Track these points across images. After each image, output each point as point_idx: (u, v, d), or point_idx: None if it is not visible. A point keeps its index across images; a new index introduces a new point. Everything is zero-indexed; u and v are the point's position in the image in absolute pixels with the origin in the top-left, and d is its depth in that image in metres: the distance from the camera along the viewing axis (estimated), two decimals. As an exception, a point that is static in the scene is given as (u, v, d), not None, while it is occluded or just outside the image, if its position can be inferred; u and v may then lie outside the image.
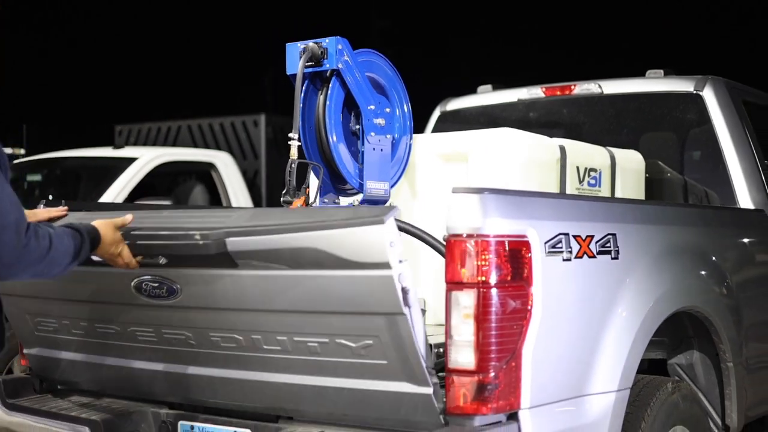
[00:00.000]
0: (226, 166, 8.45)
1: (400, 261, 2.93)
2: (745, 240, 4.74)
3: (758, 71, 14.41)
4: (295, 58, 3.92)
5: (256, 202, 9.18)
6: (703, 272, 4.21)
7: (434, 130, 6.04)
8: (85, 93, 23.29)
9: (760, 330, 4.68)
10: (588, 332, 3.38)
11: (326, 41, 3.89)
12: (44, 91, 23.32)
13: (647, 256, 3.77)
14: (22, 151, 12.27)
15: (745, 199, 4.99)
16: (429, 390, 3.03)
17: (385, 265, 2.92)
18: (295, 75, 3.90)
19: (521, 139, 4.26)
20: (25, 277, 2.93)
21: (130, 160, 7.74)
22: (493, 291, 3.04)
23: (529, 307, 3.12)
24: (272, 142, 9.87)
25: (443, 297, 3.12)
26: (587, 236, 3.40)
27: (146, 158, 7.83)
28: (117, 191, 7.39)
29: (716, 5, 22.00)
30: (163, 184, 8.86)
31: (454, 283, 3.05)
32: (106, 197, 7.28)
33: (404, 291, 2.94)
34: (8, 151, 11.57)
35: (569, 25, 23.54)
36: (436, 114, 6.15)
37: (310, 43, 3.89)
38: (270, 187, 9.66)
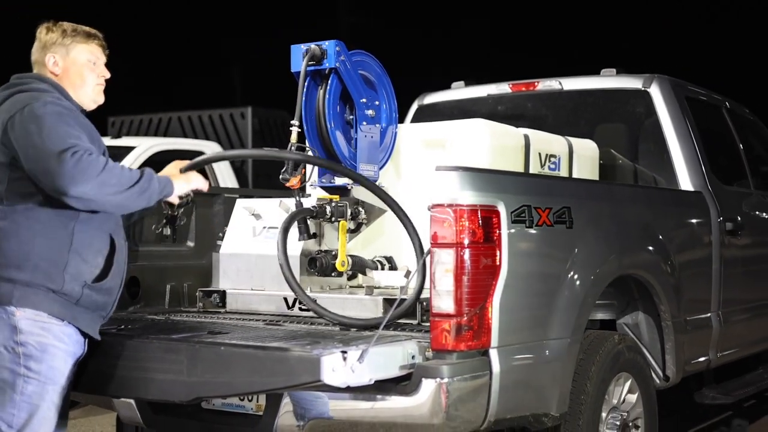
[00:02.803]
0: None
1: None
2: (684, 216, 5.44)
3: (702, 70, 15.31)
4: (299, 58, 4.52)
5: (243, 187, 9.78)
6: (646, 243, 4.89)
7: (412, 121, 6.67)
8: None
9: (696, 294, 5.38)
10: (546, 286, 4.06)
11: (326, 44, 4.50)
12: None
13: (597, 227, 4.45)
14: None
15: (685, 182, 5.64)
16: None
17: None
18: (298, 72, 4.50)
19: (491, 128, 4.91)
20: (90, 193, 3.45)
21: (128, 149, 8.34)
22: (468, 250, 3.71)
23: (498, 264, 3.79)
24: (258, 133, 10.49)
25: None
26: (546, 208, 4.07)
27: (143, 147, 8.44)
28: (117, 178, 7.97)
29: (664, 12, 22.99)
30: (156, 171, 9.42)
31: (436, 244, 3.72)
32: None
33: None
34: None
35: (535, 25, 24.21)
36: (414, 107, 6.76)
37: (312, 45, 4.51)
38: (255, 175, 10.29)
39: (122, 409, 4.30)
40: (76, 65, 3.81)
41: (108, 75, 3.92)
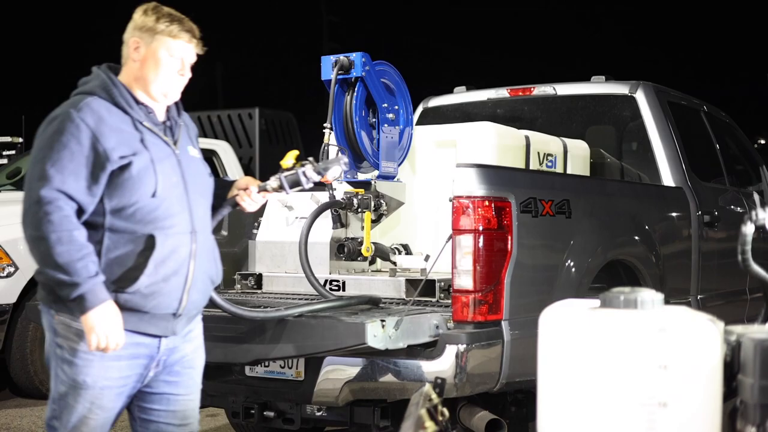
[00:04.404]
0: (225, 153, 9.66)
1: None
2: (666, 209, 6.04)
3: (683, 77, 16.09)
4: (328, 68, 5.12)
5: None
6: (633, 232, 5.49)
7: (418, 123, 7.20)
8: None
9: (677, 279, 5.98)
10: (548, 268, 4.67)
11: (353, 55, 5.10)
12: (44, 80, 23.80)
13: (592, 217, 5.06)
14: (20, 140, 12.95)
15: (667, 179, 6.20)
16: None
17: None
18: (329, 81, 5.10)
19: (497, 130, 5.52)
20: (28, 240, 3.28)
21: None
22: (484, 236, 4.31)
23: (509, 248, 4.40)
24: (264, 133, 11.05)
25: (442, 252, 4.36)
26: (549, 200, 4.67)
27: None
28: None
29: (646, 26, 23.79)
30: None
31: (457, 231, 4.32)
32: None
33: None
34: (7, 139, 12.25)
35: (522, 31, 24.77)
36: (419, 109, 7.32)
37: (341, 57, 5.10)
38: (263, 172, 10.85)
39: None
40: (154, 57, 3.44)
41: (188, 75, 3.55)
